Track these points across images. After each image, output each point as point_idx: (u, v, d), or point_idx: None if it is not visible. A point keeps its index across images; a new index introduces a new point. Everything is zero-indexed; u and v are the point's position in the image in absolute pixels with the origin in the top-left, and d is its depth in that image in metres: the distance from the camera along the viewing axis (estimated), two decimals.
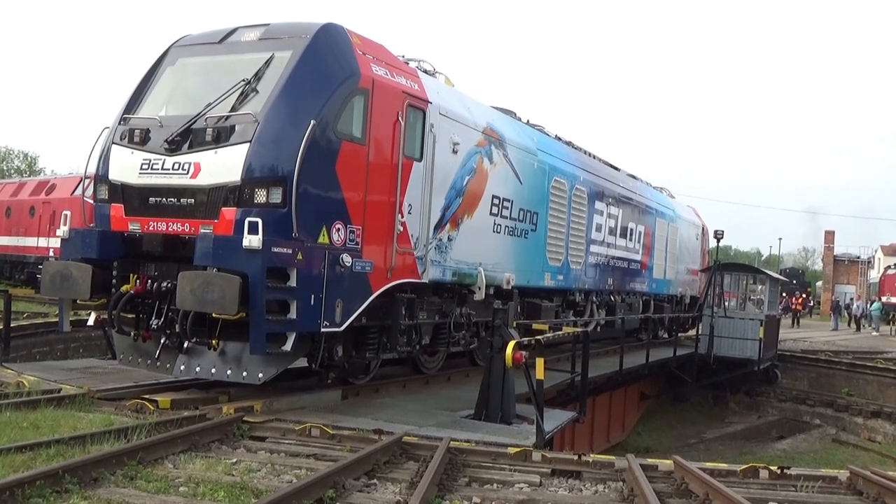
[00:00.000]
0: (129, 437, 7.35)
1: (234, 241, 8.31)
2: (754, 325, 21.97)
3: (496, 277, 12.52)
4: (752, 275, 25.53)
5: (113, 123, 9.79)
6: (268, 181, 8.58)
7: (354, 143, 9.37)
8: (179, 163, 8.91)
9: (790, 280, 50.00)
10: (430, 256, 10.79)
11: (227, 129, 8.82)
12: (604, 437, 18.61)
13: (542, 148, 14.36)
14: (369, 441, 8.03)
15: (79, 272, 9.09)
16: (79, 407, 8.80)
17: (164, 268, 9.21)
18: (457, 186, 11.40)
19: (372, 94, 9.55)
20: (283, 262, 8.40)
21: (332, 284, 8.92)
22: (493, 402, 9.86)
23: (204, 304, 8.18)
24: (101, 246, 9.26)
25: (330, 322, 8.95)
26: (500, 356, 9.60)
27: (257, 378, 8.91)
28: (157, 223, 9.10)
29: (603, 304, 17.72)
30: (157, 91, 9.91)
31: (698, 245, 25.93)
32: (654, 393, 23.54)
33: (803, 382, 25.01)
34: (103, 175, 9.58)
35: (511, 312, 10.38)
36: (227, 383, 9.57)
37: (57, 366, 12.20)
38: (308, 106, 8.83)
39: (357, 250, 9.40)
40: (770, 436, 23.24)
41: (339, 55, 9.37)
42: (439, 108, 10.90)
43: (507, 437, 8.79)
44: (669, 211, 22.76)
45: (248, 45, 9.66)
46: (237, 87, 9.10)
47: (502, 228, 12.82)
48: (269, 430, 8.41)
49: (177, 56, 10.13)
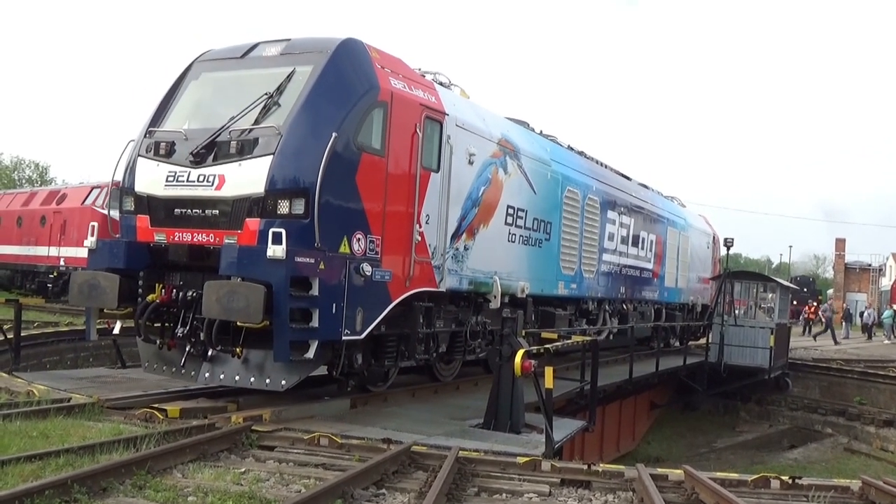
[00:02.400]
0: (139, 447, 7.38)
1: (259, 251, 8.56)
2: (765, 333, 21.88)
3: (511, 286, 12.72)
4: (763, 283, 25.43)
5: (138, 136, 10.08)
6: (291, 192, 8.84)
7: (374, 154, 9.61)
8: (204, 175, 9.19)
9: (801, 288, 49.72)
10: (447, 266, 11.02)
11: (250, 141, 9.10)
12: (613, 447, 18.57)
13: (555, 158, 14.61)
14: (378, 450, 8.04)
15: (107, 282, 9.38)
16: (88, 416, 8.85)
17: (189, 277, 9.46)
18: (473, 197, 11.65)
19: (391, 106, 9.81)
20: (306, 271, 8.63)
21: (353, 293, 9.15)
22: (503, 411, 9.87)
23: (229, 312, 8.44)
24: (128, 256, 9.54)
25: (350, 330, 9.17)
26: (509, 365, 9.58)
27: (280, 385, 9.14)
28: (183, 234, 9.37)
29: (615, 312, 17.90)
30: (181, 105, 10.20)
31: (709, 254, 26.05)
32: (664, 402, 23.51)
33: (814, 391, 24.93)
34: (129, 187, 9.88)
35: (520, 321, 10.37)
36: (236, 392, 9.77)
37: (67, 375, 12.26)
38: (329, 119, 9.09)
39: (377, 260, 9.63)
40: (781, 445, 23.13)
41: (359, 69, 9.65)
42: (456, 119, 11.14)
43: (516, 447, 8.79)
44: (680, 220, 22.93)
45: (269, 59, 9.94)
46: (260, 101, 9.37)
47: (517, 238, 13.04)
48: (278, 440, 8.43)
49: (200, 70, 10.44)
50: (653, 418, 22.80)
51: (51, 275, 28.26)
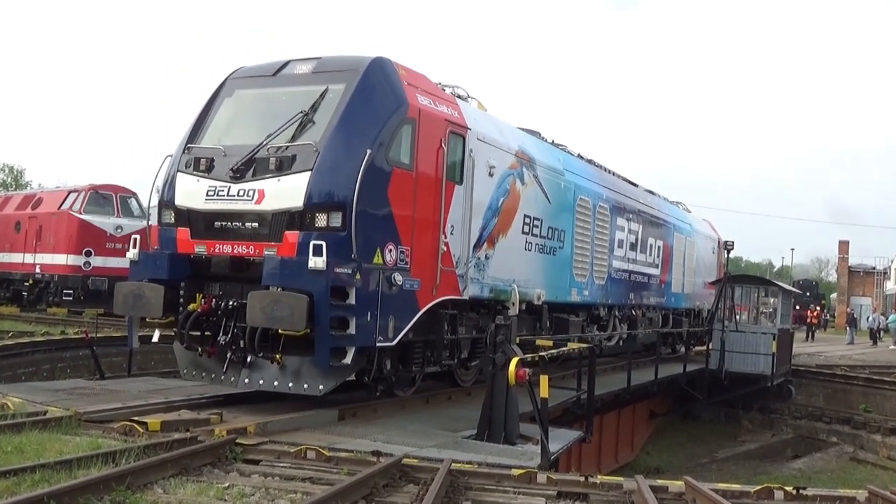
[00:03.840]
0: (118, 461, 7.35)
1: (300, 262, 9.38)
2: (767, 339, 21.97)
3: (528, 293, 13.56)
4: (764, 287, 25.51)
5: (176, 152, 10.91)
6: (328, 206, 9.68)
7: (403, 169, 10.48)
8: (244, 189, 10.01)
9: (803, 292, 49.91)
10: (469, 274, 11.88)
11: (288, 158, 9.91)
12: (612, 458, 18.63)
13: (567, 168, 15.48)
14: (367, 463, 8.04)
15: (151, 292, 10.16)
16: (65, 430, 8.83)
17: (228, 287, 10.29)
18: (493, 207, 12.51)
19: (418, 122, 10.68)
20: (344, 281, 9.49)
21: (385, 302, 10.01)
22: (496, 422, 9.89)
23: (273, 321, 9.26)
24: (171, 267, 10.32)
25: (384, 337, 10.05)
26: (502, 373, 9.59)
27: (318, 390, 9.93)
28: (223, 246, 10.20)
29: (625, 318, 18.68)
30: (216, 121, 11.03)
31: (714, 259, 26.89)
32: (664, 411, 23.55)
33: (819, 399, 25.02)
34: (169, 201, 10.66)
35: (513, 327, 10.40)
36: (219, 403, 10.43)
37: (43, 387, 12.23)
38: (363, 136, 9.94)
39: (406, 270, 10.48)
40: (785, 455, 23.21)
41: (389, 87, 10.50)
42: (477, 133, 12.02)
43: (510, 459, 8.82)
44: (686, 225, 23.70)
45: (301, 77, 10.80)
46: (295, 119, 10.19)
47: (533, 246, 13.90)
48: (263, 453, 8.43)
49: (233, 88, 11.28)
50: (652, 428, 22.84)
51: (26, 282, 28.11)
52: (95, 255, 26.43)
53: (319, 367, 9.66)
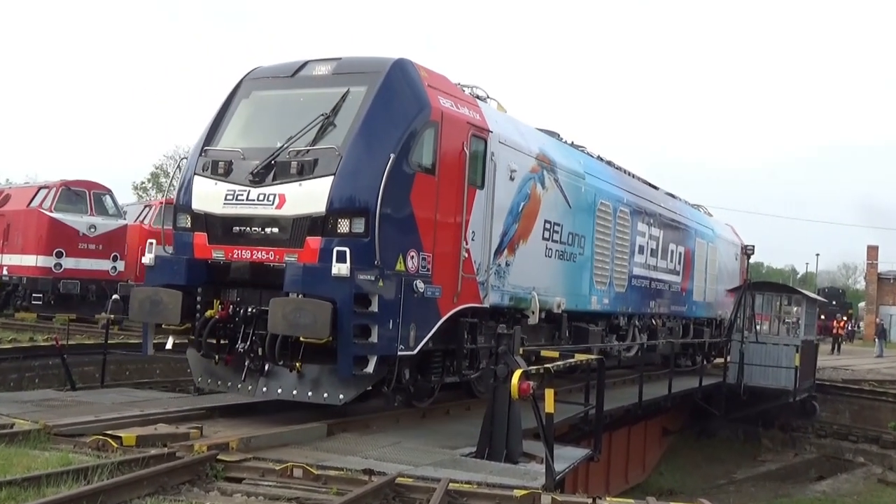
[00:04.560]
0: (90, 479, 7.34)
1: (323, 269, 9.77)
2: (789, 351, 21.94)
3: (548, 301, 14.00)
4: (787, 295, 25.51)
5: (191, 154, 11.36)
6: (351, 212, 10.09)
7: (426, 173, 10.91)
8: (265, 194, 10.40)
9: (829, 301, 49.94)
10: (490, 282, 12.29)
11: (310, 162, 10.31)
12: (621, 478, 18.62)
13: (588, 171, 15.90)
14: (359, 482, 8.04)
15: (169, 298, 10.50)
16: (33, 444, 8.83)
17: (246, 294, 10.66)
18: (513, 213, 12.91)
19: (441, 126, 11.08)
20: (367, 288, 9.89)
21: (407, 309, 10.40)
22: (498, 439, 9.89)
23: (296, 328, 9.65)
24: (188, 273, 10.69)
25: (405, 346, 10.44)
26: (504, 387, 9.59)
27: (338, 399, 10.32)
28: (242, 251, 10.59)
29: (644, 328, 19.04)
30: (233, 123, 11.42)
31: (737, 265, 27.31)
32: (678, 428, 23.54)
33: (845, 416, 24.96)
34: (185, 204, 11.06)
35: (517, 337, 10.42)
36: (199, 417, 10.61)
37: (9, 398, 12.22)
38: (386, 140, 10.35)
39: (428, 277, 10.89)
40: (808, 476, 23.21)
41: (412, 90, 10.91)
42: (499, 136, 12.44)
43: (512, 478, 8.81)
44: (708, 230, 24.06)
45: (321, 79, 11.21)
46: (316, 122, 10.59)
47: (553, 253, 14.31)
48: (247, 471, 8.44)
49: (250, 89, 11.67)
50: (665, 446, 22.84)
51: None
52: (67, 257, 26.31)
53: (341, 376, 10.06)
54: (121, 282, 27.08)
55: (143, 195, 68.74)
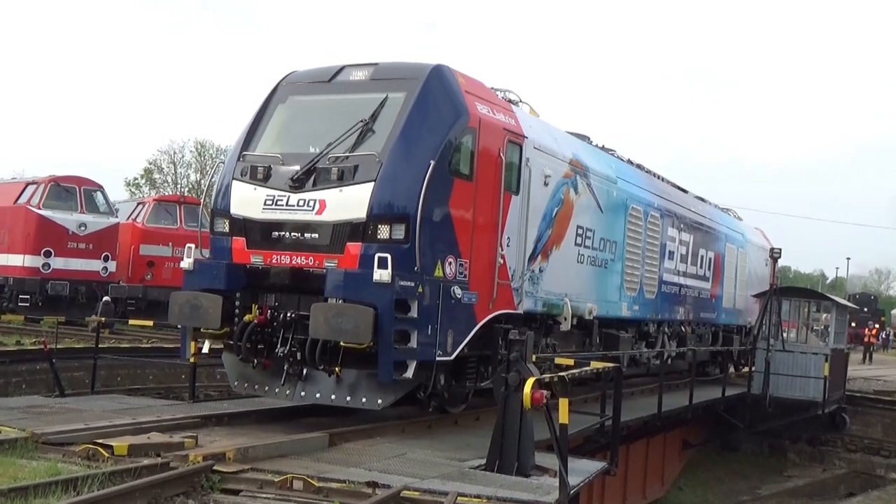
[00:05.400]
0: (79, 490, 7.39)
1: (365, 275, 10.37)
2: (818, 360, 21.90)
3: (579, 308, 14.59)
4: (816, 301, 25.45)
5: (229, 159, 11.99)
6: (391, 218, 10.71)
7: (464, 180, 11.52)
8: (305, 199, 10.99)
9: (860, 307, 49.78)
10: (524, 288, 12.90)
11: (350, 168, 10.92)
12: (639, 493, 18.65)
13: (620, 175, 16.55)
14: (362, 496, 8.07)
15: (208, 302, 11.10)
16: (20, 453, 8.88)
17: (284, 299, 11.27)
18: (547, 218, 13.53)
19: (479, 132, 11.70)
20: (407, 294, 10.51)
21: (445, 315, 11.01)
22: (509, 451, 9.89)
23: (337, 333, 10.25)
24: (228, 277, 11.28)
25: (443, 351, 11.04)
26: (516, 396, 9.59)
27: (377, 404, 10.95)
28: (281, 256, 11.19)
29: (674, 335, 19.69)
30: (270, 128, 12.05)
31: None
32: (700, 441, 23.55)
33: (877, 429, 24.97)
34: (223, 209, 11.69)
35: (529, 343, 10.43)
36: (194, 426, 10.77)
37: None
38: (426, 147, 10.96)
39: (465, 283, 11.51)
40: (837, 492, 23.21)
41: (451, 96, 11.53)
42: (534, 142, 13.07)
43: (524, 493, 8.80)
44: (738, 235, 24.66)
45: (358, 84, 11.84)
46: (356, 128, 11.19)
47: (585, 258, 14.93)
48: (244, 482, 8.49)
49: (287, 93, 12.30)
50: (685, 460, 22.84)
51: None
52: (56, 256, 26.46)
53: (381, 381, 10.63)
54: (112, 283, 27.21)
55: (136, 192, 69.06)
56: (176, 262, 29.55)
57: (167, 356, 19.82)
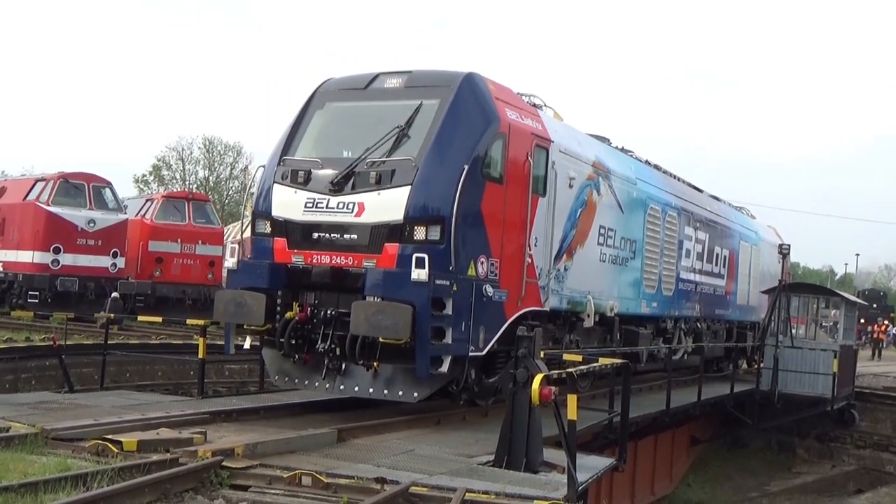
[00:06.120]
0: (89, 485, 7.42)
1: (403, 274, 10.95)
2: (827, 356, 21.84)
3: (602, 305, 15.19)
4: (825, 297, 25.39)
5: (269, 163, 12.55)
6: (427, 220, 11.29)
7: (495, 183, 12.10)
8: (344, 202, 11.59)
9: (870, 303, 49.62)
10: (550, 286, 13.48)
11: (387, 172, 11.49)
12: (647, 489, 18.69)
13: (639, 176, 17.13)
14: (370, 492, 8.09)
15: (253, 300, 11.64)
16: (30, 448, 8.92)
17: (324, 297, 11.83)
18: (572, 219, 14.14)
19: (508, 137, 12.28)
20: (443, 293, 11.09)
21: (477, 313, 11.59)
22: (517, 447, 9.91)
23: (377, 329, 10.80)
24: (270, 276, 11.83)
25: (475, 347, 11.63)
26: (524, 392, 9.58)
27: (413, 397, 11.54)
28: (321, 256, 11.77)
29: (690, 331, 20.28)
30: (308, 133, 12.62)
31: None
32: (708, 437, 23.55)
33: (886, 426, 24.96)
34: (265, 211, 12.27)
35: (538, 339, 10.44)
36: (203, 422, 10.93)
37: (5, 400, 12.37)
38: (460, 152, 11.53)
39: (496, 281, 12.08)
40: (846, 489, 23.22)
41: (482, 103, 12.10)
42: (559, 146, 13.65)
43: (532, 489, 8.84)
44: (752, 233, 25.18)
45: (393, 92, 12.41)
46: (392, 134, 11.76)
47: (607, 257, 15.53)
48: (253, 478, 8.51)
49: (324, 100, 12.88)
50: (694, 456, 22.83)
51: None
52: (65, 253, 26.56)
53: (418, 376, 11.18)
54: (121, 279, 27.31)
55: (145, 188, 69.27)
56: (184, 259, 29.71)
57: (176, 352, 19.89)
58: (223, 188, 74.19)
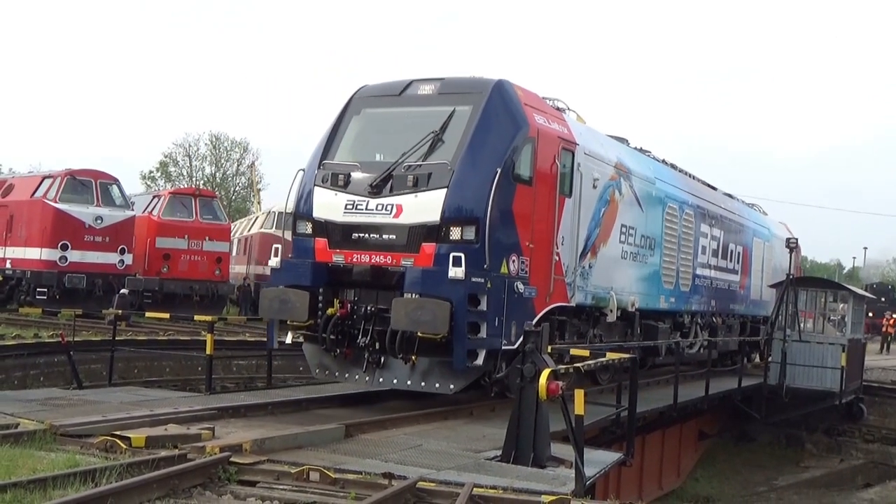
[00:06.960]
0: (97, 481, 7.44)
1: (440, 272, 11.57)
2: (835, 350, 21.79)
3: (623, 301, 15.83)
4: (832, 291, 25.29)
5: (309, 167, 13.15)
6: (462, 221, 11.90)
7: (525, 185, 12.70)
8: (382, 204, 12.21)
9: (878, 297, 49.46)
10: (576, 282, 14.12)
11: (424, 175, 12.13)
12: (655, 484, 18.69)
13: (657, 176, 17.77)
14: (378, 487, 8.10)
15: (296, 297, 12.28)
16: (39, 445, 8.95)
17: (363, 294, 12.46)
18: (596, 218, 14.78)
19: (537, 141, 12.89)
20: (477, 289, 11.72)
21: (509, 308, 12.20)
22: (524, 442, 9.92)
23: (417, 324, 11.43)
24: (313, 274, 12.45)
25: (507, 341, 12.23)
26: (532, 387, 9.57)
27: (449, 389, 12.14)
28: (361, 255, 12.39)
29: (706, 325, 20.90)
30: (346, 138, 13.25)
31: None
32: (716, 431, 23.55)
33: (894, 419, 24.89)
34: (306, 213, 12.91)
35: (545, 334, 10.47)
36: (211, 418, 11.06)
37: (14, 396, 12.41)
38: (492, 156, 12.15)
39: (526, 279, 12.70)
40: (854, 483, 23.15)
41: (513, 109, 12.70)
42: (584, 148, 14.28)
43: (540, 484, 8.85)
44: (764, 229, 25.87)
45: (427, 98, 13.04)
46: (427, 139, 12.36)
47: (628, 255, 16.18)
48: (261, 474, 8.53)
49: (360, 106, 13.49)
50: (701, 450, 22.84)
51: None
52: (73, 249, 26.58)
53: (455, 368, 11.81)
54: (128, 275, 27.38)
55: (152, 185, 69.30)
56: (191, 255, 29.76)
57: (184, 348, 19.93)
58: (230, 184, 74.40)
